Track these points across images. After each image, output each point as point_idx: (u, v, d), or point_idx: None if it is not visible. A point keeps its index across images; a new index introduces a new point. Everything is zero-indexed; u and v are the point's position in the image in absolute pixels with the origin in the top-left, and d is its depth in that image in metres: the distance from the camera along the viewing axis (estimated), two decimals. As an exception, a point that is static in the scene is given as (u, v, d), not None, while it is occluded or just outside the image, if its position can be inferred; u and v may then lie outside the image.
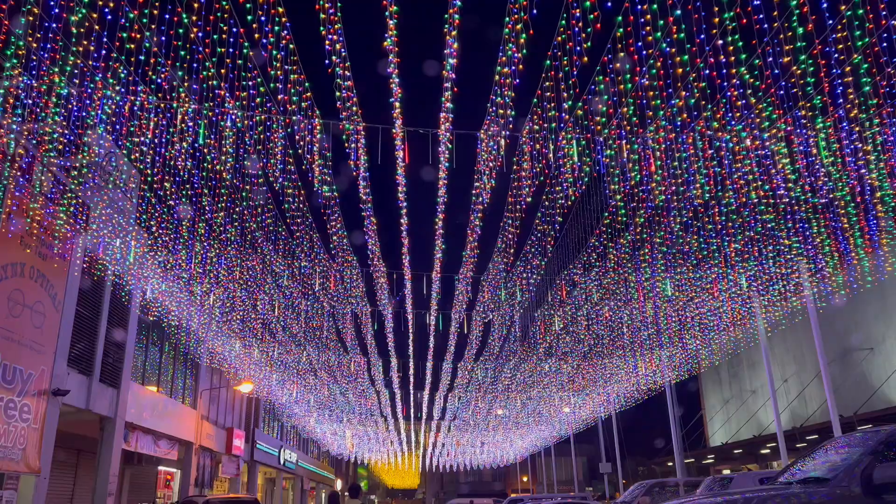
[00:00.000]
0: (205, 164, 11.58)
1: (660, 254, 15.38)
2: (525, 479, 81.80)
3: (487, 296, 20.38)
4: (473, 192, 13.08)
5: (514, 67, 8.62)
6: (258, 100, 9.74)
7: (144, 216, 14.45)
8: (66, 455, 22.41)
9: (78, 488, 23.41)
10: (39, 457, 16.71)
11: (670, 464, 52.48)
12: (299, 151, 10.70)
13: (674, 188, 12.01)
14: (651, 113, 9.50)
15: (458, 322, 24.36)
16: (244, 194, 12.83)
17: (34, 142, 11.96)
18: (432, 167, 12.03)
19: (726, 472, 45.64)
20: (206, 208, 13.36)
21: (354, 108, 10.18)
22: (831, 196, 12.18)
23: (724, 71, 8.57)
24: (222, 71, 8.97)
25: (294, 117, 9.76)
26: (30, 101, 10.60)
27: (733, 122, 9.57)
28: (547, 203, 13.35)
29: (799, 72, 8.49)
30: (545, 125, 9.86)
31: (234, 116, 10.18)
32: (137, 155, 11.08)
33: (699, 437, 55.71)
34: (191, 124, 10.29)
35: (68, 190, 14.28)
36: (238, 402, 38.06)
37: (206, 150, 11.03)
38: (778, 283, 17.32)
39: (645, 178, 11.53)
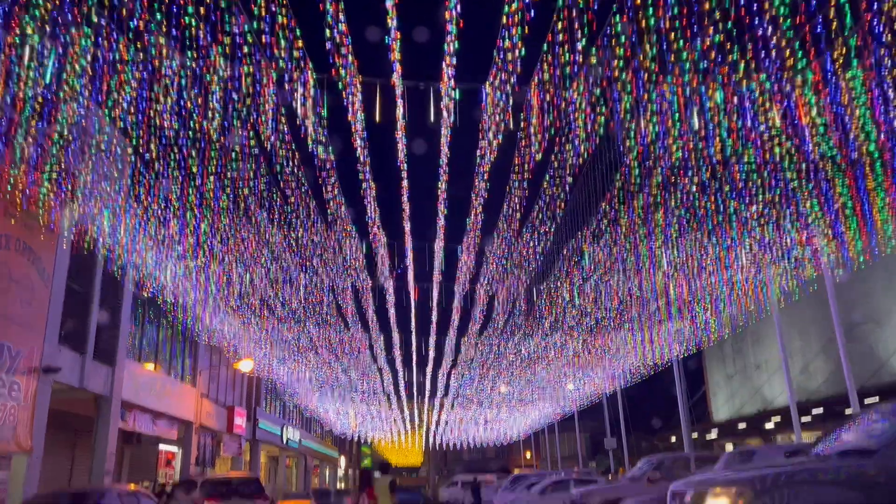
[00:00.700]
0: (192, 123, 10.83)
1: (674, 218, 14.67)
2: (528, 455, 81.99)
3: (493, 265, 19.71)
4: (478, 151, 12.36)
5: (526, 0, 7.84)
6: (245, 49, 9.00)
7: (132, 181, 13.71)
8: (63, 435, 21.97)
9: (76, 469, 23.03)
10: (31, 436, 16.22)
11: (673, 439, 52.30)
12: (292, 104, 9.99)
13: (692, 144, 11.28)
14: (673, 57, 8.75)
15: (462, 294, 23.73)
16: (233, 152, 12.07)
17: (9, 101, 11.20)
18: (434, 125, 11.28)
19: (729, 447, 45.38)
20: (196, 171, 12.62)
21: (350, 58, 9.44)
22: (861, 150, 11.40)
23: (756, 5, 7.82)
24: (201, 10, 8.21)
25: (281, 62, 9.01)
26: (2, 56, 9.84)
27: (766, 63, 8.78)
28: (556, 164, 12.63)
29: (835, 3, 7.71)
30: (556, 71, 9.12)
31: (219, 68, 9.44)
32: (119, 112, 10.33)
33: (702, 413, 55.48)
34: (173, 75, 9.54)
35: (50, 156, 13.56)
36: (239, 381, 37.61)
37: (189, 105, 10.28)
38: (795, 248, 16.62)
39: (662, 133, 10.80)
